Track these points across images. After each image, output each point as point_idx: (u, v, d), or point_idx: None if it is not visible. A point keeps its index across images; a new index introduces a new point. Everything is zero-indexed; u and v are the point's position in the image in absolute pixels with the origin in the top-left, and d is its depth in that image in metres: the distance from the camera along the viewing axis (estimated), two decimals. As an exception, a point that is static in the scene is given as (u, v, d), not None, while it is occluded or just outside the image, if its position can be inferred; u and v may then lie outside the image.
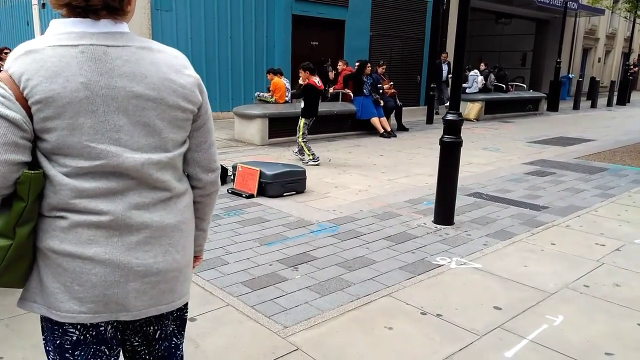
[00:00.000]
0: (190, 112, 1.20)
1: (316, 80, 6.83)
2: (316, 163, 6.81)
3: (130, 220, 1.15)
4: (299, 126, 6.84)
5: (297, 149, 7.09)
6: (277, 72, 9.91)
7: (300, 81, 6.97)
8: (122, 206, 1.14)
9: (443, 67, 13.13)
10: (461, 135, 4.33)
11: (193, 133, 1.26)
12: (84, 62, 1.08)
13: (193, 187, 1.31)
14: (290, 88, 10.23)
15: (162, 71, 1.15)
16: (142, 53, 1.14)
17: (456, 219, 4.48)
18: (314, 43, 12.70)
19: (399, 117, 10.64)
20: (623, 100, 19.05)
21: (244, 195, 5.11)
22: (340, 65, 10.38)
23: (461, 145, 4.34)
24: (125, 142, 1.12)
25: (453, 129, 4.29)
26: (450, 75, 12.57)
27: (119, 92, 1.10)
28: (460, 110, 4.38)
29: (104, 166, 1.11)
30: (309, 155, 6.81)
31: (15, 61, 1.07)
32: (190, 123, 1.22)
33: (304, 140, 6.82)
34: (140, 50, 1.14)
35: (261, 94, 10.13)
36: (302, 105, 6.88)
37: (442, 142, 4.35)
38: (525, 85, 17.35)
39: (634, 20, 16.61)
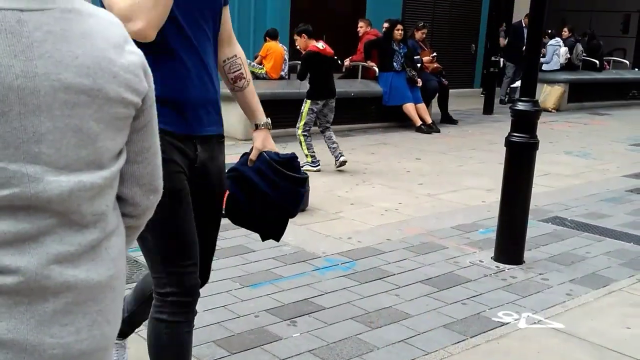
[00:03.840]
0: (133, 107, 1.20)
1: (319, 44, 6.86)
2: (315, 168, 6.80)
3: (47, 280, 1.12)
4: (302, 112, 6.85)
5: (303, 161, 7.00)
6: (272, 36, 9.97)
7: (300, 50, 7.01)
8: (37, 259, 1.11)
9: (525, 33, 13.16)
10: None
11: (132, 136, 1.25)
12: None
13: (123, 215, 1.31)
14: (288, 59, 10.27)
15: (98, 47, 1.13)
16: (69, 20, 1.11)
17: (527, 255, 4.48)
18: (324, -7, 12.79)
19: (444, 104, 10.67)
20: None
21: (218, 213, 5.13)
22: (362, 27, 10.42)
23: (537, 148, 4.33)
24: (48, 159, 1.10)
25: (526, 123, 4.29)
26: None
27: (41, 83, 1.07)
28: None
29: (16, 197, 1.08)
30: (306, 155, 6.80)
31: None
32: (131, 122, 1.22)
33: (305, 133, 6.82)
34: (66, 15, 1.11)
35: (248, 61, 10.19)
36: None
37: (508, 143, 4.35)
38: (627, 62, 17.38)
39: None
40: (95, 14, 1.17)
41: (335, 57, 7.31)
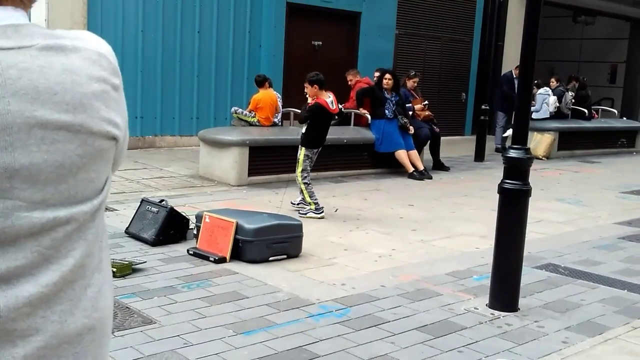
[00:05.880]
0: (115, 140, 1.20)
1: (328, 99, 6.90)
2: (319, 215, 6.82)
3: (15, 323, 1.10)
4: (298, 159, 6.90)
5: (298, 199, 7.09)
6: (262, 82, 10.08)
7: (309, 100, 7.02)
8: (5, 301, 1.09)
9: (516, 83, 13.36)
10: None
11: None
12: None
13: None
14: (282, 105, 10.37)
15: (80, 82, 1.13)
16: (49, 56, 1.12)
17: (522, 302, 4.46)
18: (316, 43, 12.99)
19: (435, 151, 10.75)
20: None
21: (211, 259, 5.10)
22: (352, 76, 10.57)
23: (529, 195, 4.36)
24: (20, 194, 1.09)
25: (518, 170, 4.32)
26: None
27: (13, 120, 1.07)
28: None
29: None
30: (309, 203, 6.83)
31: None
32: (113, 155, 1.22)
33: (305, 180, 6.85)
34: (45, 52, 1.12)
35: (239, 109, 10.27)
36: (304, 130, 6.96)
37: (501, 190, 4.37)
38: (615, 111, 17.63)
39: None
40: (79, 48, 1.16)
41: (341, 107, 7.34)
